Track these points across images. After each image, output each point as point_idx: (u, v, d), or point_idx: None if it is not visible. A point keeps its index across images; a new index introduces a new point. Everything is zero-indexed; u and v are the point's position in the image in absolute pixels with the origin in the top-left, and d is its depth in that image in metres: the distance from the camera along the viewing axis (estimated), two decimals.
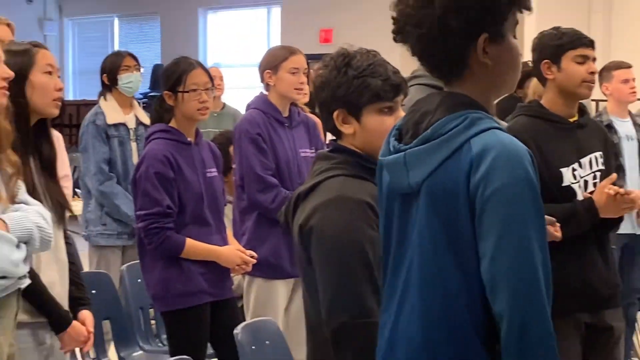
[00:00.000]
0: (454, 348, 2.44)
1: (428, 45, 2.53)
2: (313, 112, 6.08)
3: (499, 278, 2.33)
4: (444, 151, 2.41)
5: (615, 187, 4.00)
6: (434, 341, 2.46)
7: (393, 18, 2.59)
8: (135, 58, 6.94)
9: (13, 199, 3.49)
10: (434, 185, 2.44)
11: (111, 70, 6.74)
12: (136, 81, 6.81)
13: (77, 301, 3.97)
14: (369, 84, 3.08)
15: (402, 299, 2.56)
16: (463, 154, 2.38)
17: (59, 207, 3.86)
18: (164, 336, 5.47)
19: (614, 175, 4.16)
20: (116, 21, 18.17)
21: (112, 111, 6.64)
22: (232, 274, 5.12)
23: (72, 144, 10.74)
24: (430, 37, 2.50)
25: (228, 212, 5.48)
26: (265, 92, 5.59)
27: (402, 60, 2.84)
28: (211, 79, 5.13)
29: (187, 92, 4.91)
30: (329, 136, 3.64)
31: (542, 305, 2.34)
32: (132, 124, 6.65)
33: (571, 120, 4.24)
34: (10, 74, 3.46)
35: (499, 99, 2.80)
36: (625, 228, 4.69)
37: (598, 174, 4.16)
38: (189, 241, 4.91)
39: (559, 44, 4.25)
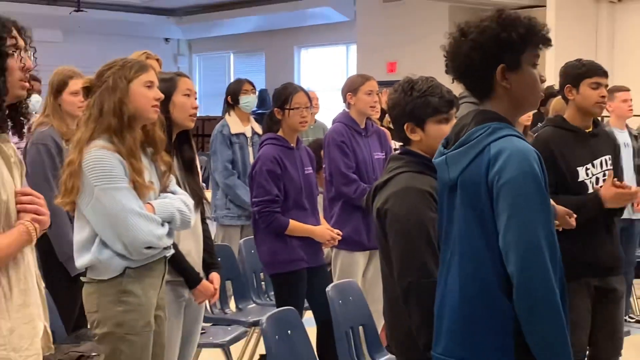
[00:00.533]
0: (483, 300, 2.53)
1: (461, 75, 2.65)
2: (382, 125, 6.12)
3: (510, 247, 2.43)
4: (471, 153, 2.54)
5: (622, 183, 4.00)
6: (469, 295, 2.56)
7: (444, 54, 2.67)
8: (252, 84, 6.96)
9: (165, 189, 3.56)
10: (465, 179, 2.56)
11: (234, 93, 6.77)
12: (252, 101, 6.83)
13: (210, 265, 4.01)
14: (430, 102, 3.11)
15: (448, 265, 2.65)
16: (484, 155, 2.50)
17: (196, 196, 3.86)
18: (271, 293, 5.51)
19: (611, 172, 4.14)
20: (232, 56, 18.30)
21: (234, 124, 6.70)
22: (323, 247, 5.15)
23: (198, 149, 10.82)
24: (462, 69, 2.62)
25: (320, 200, 5.51)
26: (347, 110, 5.61)
27: (455, 84, 2.88)
28: (310, 100, 5.17)
29: (292, 109, 4.93)
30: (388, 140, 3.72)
31: (545, 268, 2.42)
32: (249, 134, 6.69)
33: (587, 130, 4.23)
34: (161, 96, 3.52)
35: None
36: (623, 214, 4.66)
37: (607, 172, 4.14)
38: (291, 222, 4.92)
39: (579, 72, 4.24)
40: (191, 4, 16.18)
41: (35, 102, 6.61)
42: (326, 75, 15.95)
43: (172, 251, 3.58)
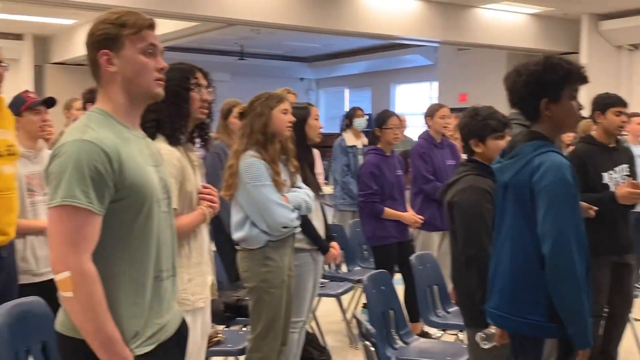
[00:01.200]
0: (526, 270, 2.49)
1: (516, 104, 2.58)
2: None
3: (544, 234, 2.40)
4: (520, 163, 2.50)
5: (636, 182, 3.86)
6: (515, 266, 2.52)
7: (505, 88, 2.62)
8: (362, 110, 6.98)
9: (294, 185, 3.58)
10: (515, 182, 2.51)
11: (350, 116, 6.81)
12: (363, 122, 6.81)
13: (329, 237, 3.98)
14: (489, 124, 3.06)
15: (501, 244, 2.59)
16: (530, 165, 2.46)
17: (316, 189, 3.86)
18: (371, 259, 5.48)
19: (629, 178, 4.01)
20: (346, 91, 18.30)
21: (349, 138, 6.68)
22: (409, 228, 5.11)
23: (323, 156, 10.90)
24: (516, 99, 2.57)
25: (407, 194, 5.46)
26: (427, 129, 5.55)
27: (509, 110, 2.83)
28: (401, 122, 5.14)
29: (388, 129, 4.90)
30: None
31: (569, 251, 2.37)
32: (359, 146, 6.65)
33: (610, 145, 4.08)
34: (294, 119, 3.53)
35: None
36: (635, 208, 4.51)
37: (625, 177, 4.00)
38: (386, 209, 4.90)
39: (607, 102, 4.09)
40: (319, 54, 16.28)
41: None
42: (414, 103, 15.80)
43: (299, 229, 3.57)
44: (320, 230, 3.86)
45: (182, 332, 2.06)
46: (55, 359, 2.86)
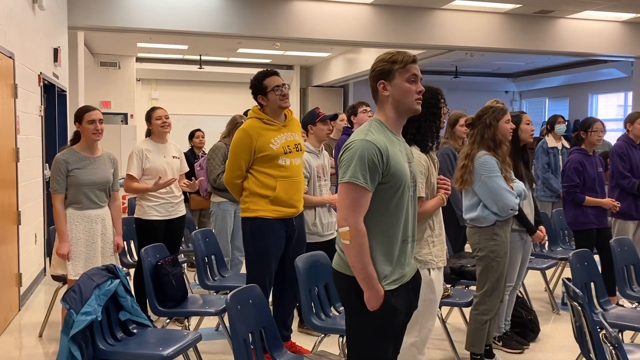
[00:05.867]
0: None
1: None
2: None
3: None
4: None
5: None
6: None
7: None
8: (563, 117, 6.33)
9: (511, 180, 3.52)
10: None
11: (552, 123, 6.28)
12: (563, 128, 6.20)
13: (537, 222, 3.80)
14: None
15: None
16: None
17: (530, 182, 3.75)
18: (571, 242, 5.23)
19: None
20: (547, 101, 17.24)
21: (550, 141, 6.22)
22: (607, 216, 4.80)
23: None
24: None
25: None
26: (626, 132, 5.14)
27: None
28: (604, 127, 4.84)
29: (593, 132, 4.67)
30: None
31: None
32: (559, 147, 6.25)
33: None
34: (514, 126, 3.52)
35: None
36: None
37: None
38: (587, 197, 4.68)
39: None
40: (522, 70, 15.58)
41: None
42: (610, 111, 14.48)
43: (516, 212, 3.50)
44: (530, 215, 3.80)
45: (416, 280, 2.27)
46: (332, 294, 3.25)
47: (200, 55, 13.60)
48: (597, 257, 4.72)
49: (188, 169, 4.51)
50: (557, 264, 5.22)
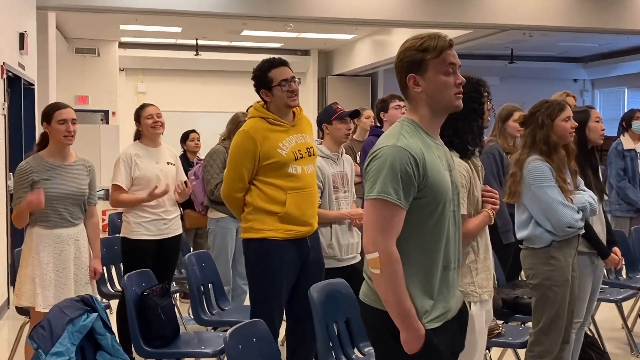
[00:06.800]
0: None
1: None
2: None
3: None
4: None
5: None
6: None
7: None
8: None
9: (577, 188, 3.54)
10: None
11: (628, 119, 6.33)
12: None
13: (610, 242, 3.79)
14: None
15: None
16: None
17: (600, 192, 3.74)
18: None
19: None
20: (626, 90, 17.04)
21: (626, 141, 6.26)
22: None
23: (600, 161, 10.39)
24: None
25: None
26: None
27: None
28: None
29: None
30: None
31: None
32: (638, 149, 6.26)
33: None
34: (576, 125, 3.50)
35: None
36: None
37: None
38: None
39: None
40: (595, 53, 15.46)
41: None
42: None
43: (582, 231, 3.49)
44: (602, 234, 3.76)
45: (463, 315, 2.27)
46: (355, 331, 3.26)
47: (196, 40, 13.76)
48: None
49: (186, 179, 4.56)
50: (636, 294, 5.17)
